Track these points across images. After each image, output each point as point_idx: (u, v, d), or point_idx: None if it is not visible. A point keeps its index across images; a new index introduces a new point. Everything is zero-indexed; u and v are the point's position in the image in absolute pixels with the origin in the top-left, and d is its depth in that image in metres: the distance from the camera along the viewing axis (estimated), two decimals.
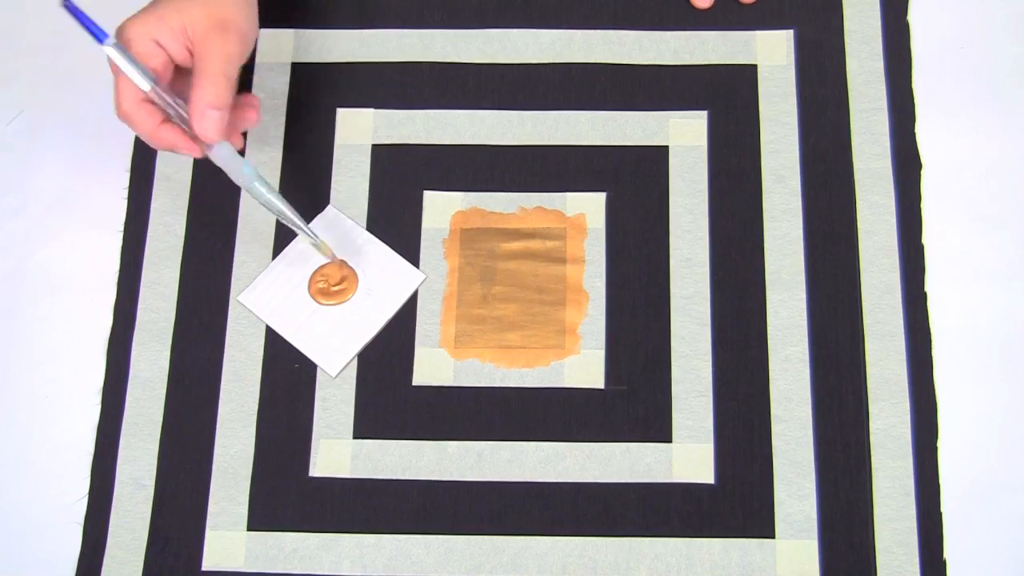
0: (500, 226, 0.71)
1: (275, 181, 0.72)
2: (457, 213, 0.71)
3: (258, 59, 0.75)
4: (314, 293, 0.70)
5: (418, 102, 0.74)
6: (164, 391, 0.68)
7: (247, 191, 0.64)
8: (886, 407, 0.66)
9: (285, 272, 0.71)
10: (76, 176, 0.73)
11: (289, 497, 0.66)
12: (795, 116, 0.72)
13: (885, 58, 0.73)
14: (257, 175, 0.64)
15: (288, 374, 0.68)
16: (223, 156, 0.63)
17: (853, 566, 0.64)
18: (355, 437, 0.67)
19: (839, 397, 0.67)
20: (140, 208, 0.72)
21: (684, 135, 0.72)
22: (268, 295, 0.70)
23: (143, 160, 0.73)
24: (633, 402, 0.67)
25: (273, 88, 0.74)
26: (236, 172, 0.63)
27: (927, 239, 0.70)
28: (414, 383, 0.68)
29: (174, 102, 0.61)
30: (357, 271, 0.70)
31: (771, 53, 0.74)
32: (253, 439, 0.67)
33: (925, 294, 0.68)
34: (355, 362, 0.68)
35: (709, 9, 0.75)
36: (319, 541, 0.65)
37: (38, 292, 0.71)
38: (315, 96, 0.74)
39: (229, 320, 0.70)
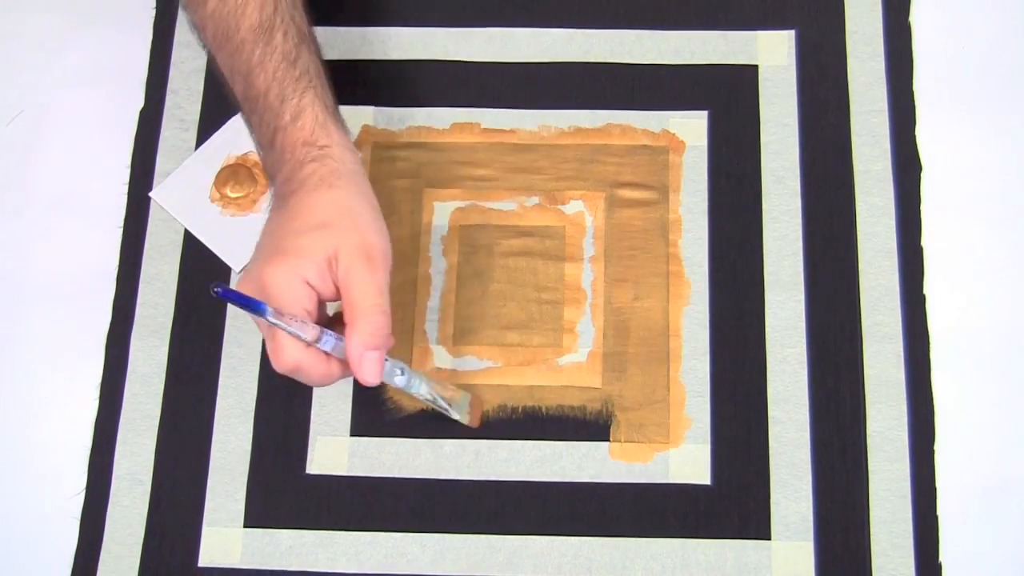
0: (499, 223, 0.71)
1: None
2: (456, 210, 0.71)
3: None
4: (217, 201, 0.71)
5: (419, 101, 0.74)
6: (162, 387, 0.68)
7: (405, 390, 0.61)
8: (883, 409, 0.66)
9: (197, 171, 0.72)
10: (76, 176, 0.73)
11: (286, 494, 0.66)
12: (795, 117, 0.72)
13: (886, 59, 0.73)
14: (415, 374, 0.60)
15: None
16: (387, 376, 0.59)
17: (849, 568, 0.64)
18: (352, 435, 0.67)
19: (837, 399, 0.67)
20: (139, 204, 0.72)
21: (684, 135, 0.72)
22: (179, 193, 0.71)
23: (143, 156, 0.73)
24: None
25: None
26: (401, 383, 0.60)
27: (927, 241, 0.69)
28: None
29: (337, 338, 0.55)
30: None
31: (772, 53, 0.73)
32: (250, 436, 0.67)
33: (924, 296, 0.68)
34: None
35: None
36: (315, 538, 0.65)
37: (37, 288, 0.71)
38: None
39: (227, 316, 0.70)
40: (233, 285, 0.69)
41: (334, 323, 0.57)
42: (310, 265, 0.54)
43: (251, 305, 0.53)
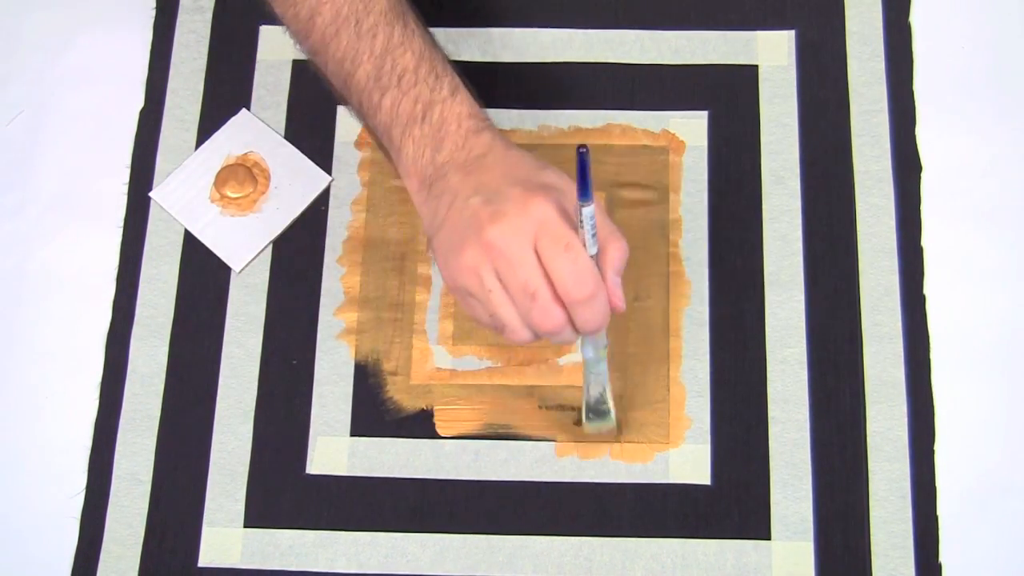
0: None
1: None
2: None
3: (259, 56, 0.75)
4: (216, 201, 0.72)
5: None
6: (162, 387, 0.68)
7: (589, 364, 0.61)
8: (883, 409, 0.66)
9: (197, 171, 0.72)
10: (76, 176, 0.73)
11: (286, 494, 0.66)
12: (795, 117, 0.72)
13: (886, 59, 0.73)
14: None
15: (286, 370, 0.68)
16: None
17: (848, 568, 0.64)
18: (352, 435, 0.67)
19: (836, 399, 0.67)
20: (140, 204, 0.72)
21: (684, 135, 0.72)
22: (178, 193, 0.72)
23: (143, 156, 0.73)
24: None
25: (274, 85, 0.74)
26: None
27: (927, 241, 0.69)
28: (412, 381, 0.68)
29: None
30: (269, 171, 0.72)
31: (772, 54, 0.73)
32: (250, 435, 0.67)
33: (924, 296, 0.68)
34: (352, 363, 0.68)
35: None
36: (315, 538, 0.65)
37: (38, 289, 0.71)
38: (315, 93, 0.74)
39: (227, 316, 0.70)
40: (234, 277, 0.70)
41: None
42: (565, 197, 0.53)
43: (587, 186, 0.50)
